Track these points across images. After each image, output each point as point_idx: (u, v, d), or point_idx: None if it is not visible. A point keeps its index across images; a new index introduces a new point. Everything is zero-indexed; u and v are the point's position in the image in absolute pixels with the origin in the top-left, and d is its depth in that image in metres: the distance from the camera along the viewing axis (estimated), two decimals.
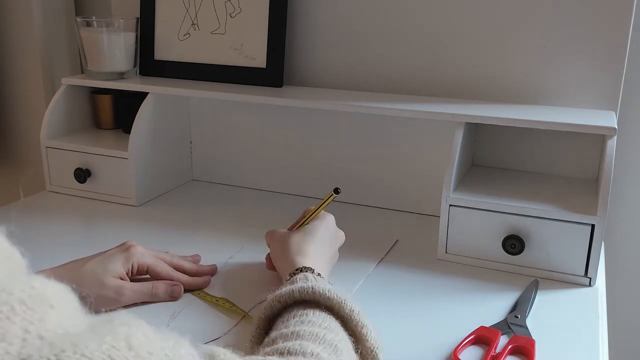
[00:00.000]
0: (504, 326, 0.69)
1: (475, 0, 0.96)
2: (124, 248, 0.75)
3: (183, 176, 1.18)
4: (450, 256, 0.87)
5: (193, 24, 1.12)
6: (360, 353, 0.55)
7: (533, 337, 0.67)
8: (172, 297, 0.74)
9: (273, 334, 0.53)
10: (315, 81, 1.09)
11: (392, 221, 1.01)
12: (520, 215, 0.82)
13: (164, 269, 0.76)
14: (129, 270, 0.73)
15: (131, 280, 0.73)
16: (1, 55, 1.30)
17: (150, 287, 0.73)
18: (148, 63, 1.16)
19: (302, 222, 0.79)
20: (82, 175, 1.07)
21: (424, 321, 0.71)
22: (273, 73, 1.06)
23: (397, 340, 0.67)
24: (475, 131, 0.99)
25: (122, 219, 1.00)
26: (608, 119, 0.86)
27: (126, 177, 1.05)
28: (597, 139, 0.93)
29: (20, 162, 1.37)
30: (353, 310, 0.57)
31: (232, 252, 0.88)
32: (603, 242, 0.86)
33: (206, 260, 0.83)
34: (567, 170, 0.97)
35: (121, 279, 0.72)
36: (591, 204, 0.82)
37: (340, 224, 0.81)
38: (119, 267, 0.72)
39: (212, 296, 0.75)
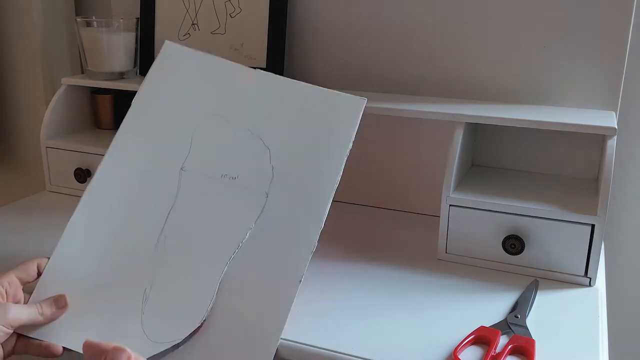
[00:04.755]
0: (504, 326, 0.69)
1: (475, 0, 0.96)
2: None
3: None
4: (450, 256, 0.87)
5: (193, 24, 1.12)
6: None
7: (533, 337, 0.67)
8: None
9: None
10: (315, 81, 1.09)
11: (392, 221, 1.01)
12: (520, 215, 0.82)
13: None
14: None
15: None
16: (1, 55, 1.30)
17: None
18: (148, 63, 1.15)
19: None
20: (82, 175, 1.07)
21: (424, 321, 0.71)
22: (273, 73, 1.06)
23: (397, 340, 0.67)
24: (475, 131, 0.99)
25: None
26: (608, 119, 0.86)
27: None
28: (597, 139, 0.93)
29: (20, 162, 1.37)
30: None
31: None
32: (603, 242, 0.86)
33: None
34: (567, 170, 0.97)
35: None
36: (591, 204, 0.82)
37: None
38: None
39: None
